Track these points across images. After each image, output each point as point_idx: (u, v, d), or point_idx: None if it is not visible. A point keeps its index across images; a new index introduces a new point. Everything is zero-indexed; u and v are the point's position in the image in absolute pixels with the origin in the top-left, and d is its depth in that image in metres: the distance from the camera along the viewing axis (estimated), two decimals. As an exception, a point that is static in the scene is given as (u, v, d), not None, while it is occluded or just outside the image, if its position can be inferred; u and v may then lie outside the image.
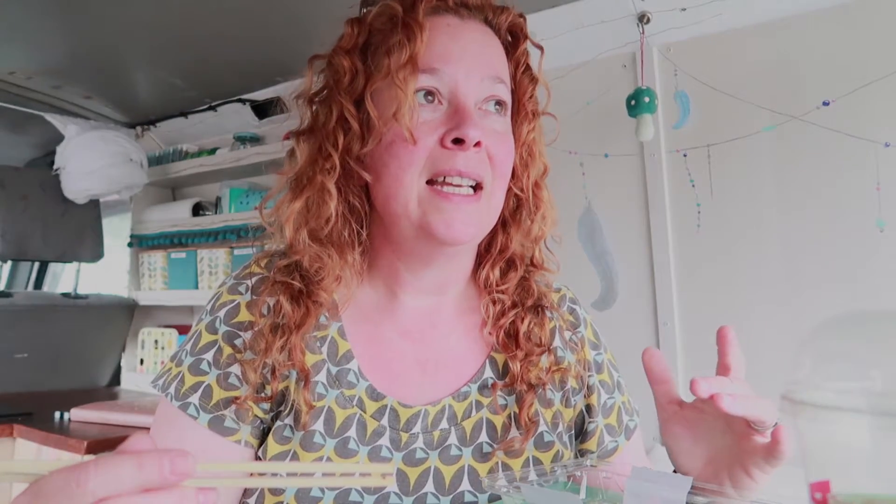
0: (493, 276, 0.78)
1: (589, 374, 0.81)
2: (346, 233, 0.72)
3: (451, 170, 0.66)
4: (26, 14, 1.68)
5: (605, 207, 1.68)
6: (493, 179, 0.70)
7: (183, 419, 0.68)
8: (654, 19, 1.51)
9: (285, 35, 1.67)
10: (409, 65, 0.67)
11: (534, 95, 0.77)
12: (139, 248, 2.60)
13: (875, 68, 1.30)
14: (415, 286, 0.75)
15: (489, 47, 0.73)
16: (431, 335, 0.76)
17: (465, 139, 0.66)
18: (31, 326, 2.28)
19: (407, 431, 0.71)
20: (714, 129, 1.50)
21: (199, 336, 0.73)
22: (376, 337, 0.75)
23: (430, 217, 0.67)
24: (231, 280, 0.76)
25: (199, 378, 0.70)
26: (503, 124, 0.72)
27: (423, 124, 0.67)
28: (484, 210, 0.70)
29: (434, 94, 0.68)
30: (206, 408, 0.68)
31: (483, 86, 0.70)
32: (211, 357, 0.71)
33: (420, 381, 0.74)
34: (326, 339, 0.72)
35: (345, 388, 0.71)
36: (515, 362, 0.75)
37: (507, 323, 0.77)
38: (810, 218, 1.40)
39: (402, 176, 0.67)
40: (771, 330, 1.43)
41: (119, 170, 2.34)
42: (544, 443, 0.75)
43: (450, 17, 0.72)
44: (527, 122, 0.76)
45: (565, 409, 0.79)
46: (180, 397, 0.69)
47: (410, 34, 0.67)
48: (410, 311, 0.76)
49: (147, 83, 2.25)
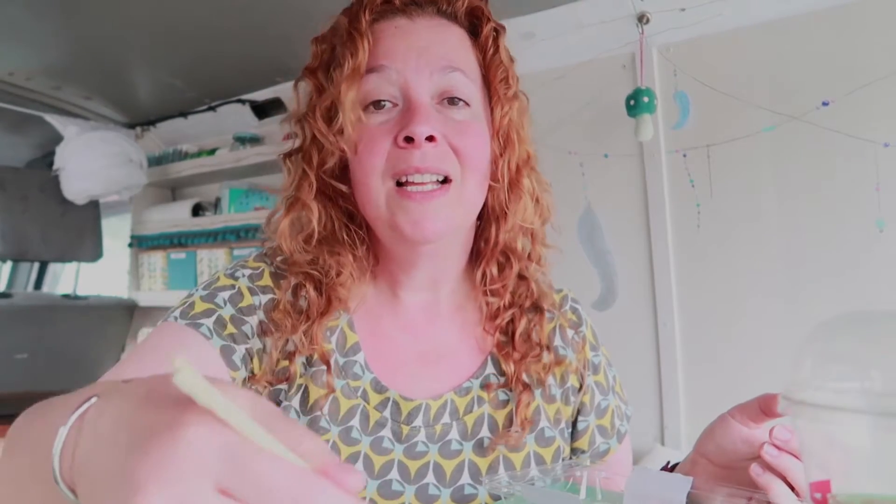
0: (489, 273, 0.77)
1: (587, 374, 0.82)
2: (346, 235, 0.73)
3: (408, 168, 0.66)
4: (26, 14, 1.68)
5: (604, 207, 1.68)
6: (463, 170, 0.69)
7: (193, 337, 0.64)
8: (654, 19, 1.51)
9: (285, 35, 1.67)
10: (351, 76, 0.67)
11: (508, 78, 0.74)
12: (139, 249, 2.60)
13: (875, 68, 1.30)
14: (409, 284, 0.76)
15: (442, 40, 0.71)
16: (429, 329, 0.77)
17: (414, 136, 0.65)
18: (30, 327, 2.28)
19: (408, 424, 0.71)
20: (714, 130, 1.51)
21: (216, 279, 0.72)
22: (379, 331, 0.76)
23: (397, 218, 0.67)
24: (255, 254, 0.77)
25: (211, 306, 0.68)
26: (467, 114, 0.70)
27: (378, 128, 0.68)
28: (454, 203, 0.68)
29: (383, 101, 0.69)
30: (220, 333, 0.66)
31: (435, 79, 0.69)
32: (227, 296, 0.70)
33: (421, 375, 0.74)
34: (336, 330, 0.73)
35: (350, 378, 0.72)
36: (510, 363, 0.75)
37: (504, 322, 0.78)
38: (810, 218, 1.40)
39: (368, 181, 0.68)
40: (770, 330, 1.44)
41: (119, 170, 2.34)
42: (545, 438, 0.76)
43: (398, 19, 0.72)
44: (500, 106, 0.73)
45: (565, 406, 0.79)
46: (189, 318, 0.66)
47: (353, 46, 0.68)
48: (408, 305, 0.77)
49: (147, 84, 2.25)
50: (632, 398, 0.88)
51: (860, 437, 0.39)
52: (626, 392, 0.87)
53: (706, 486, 0.56)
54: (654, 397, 1.61)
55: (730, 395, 0.65)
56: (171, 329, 0.66)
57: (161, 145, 2.63)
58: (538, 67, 1.66)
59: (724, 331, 1.52)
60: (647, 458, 1.54)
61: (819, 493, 0.41)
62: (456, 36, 0.73)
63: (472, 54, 0.74)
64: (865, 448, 0.40)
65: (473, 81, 0.72)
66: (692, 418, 1.56)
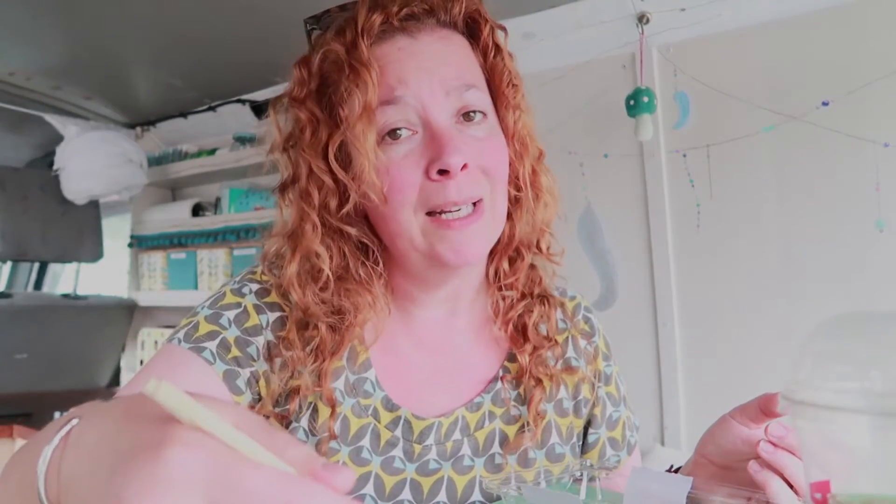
0: (503, 268, 0.77)
1: (598, 385, 0.81)
2: (362, 271, 0.70)
3: (445, 203, 0.64)
4: (26, 14, 1.68)
5: (604, 207, 1.68)
6: (493, 189, 0.67)
7: (195, 362, 0.63)
8: (654, 19, 1.51)
9: (285, 35, 1.67)
10: (365, 115, 0.63)
11: (513, 81, 0.72)
12: (139, 249, 2.60)
13: (875, 68, 1.30)
14: (427, 302, 0.74)
15: (449, 53, 0.68)
16: (445, 345, 0.76)
17: (450, 168, 0.62)
18: (30, 327, 2.28)
19: (420, 443, 0.70)
20: (713, 130, 1.51)
21: (222, 295, 0.69)
22: (392, 347, 0.74)
23: (437, 248, 0.65)
24: (263, 266, 0.73)
25: (215, 328, 0.66)
26: (485, 128, 0.68)
27: (402, 160, 0.64)
28: (489, 224, 0.68)
29: (400, 129, 0.64)
30: (223, 357, 0.64)
31: (452, 99, 0.66)
32: (233, 316, 0.67)
33: (434, 392, 0.73)
34: (348, 346, 0.71)
35: (361, 397, 0.70)
36: (524, 355, 0.74)
37: (516, 316, 0.77)
38: (810, 218, 1.40)
39: (398, 217, 0.65)
40: (770, 330, 1.44)
41: (119, 170, 2.34)
42: (556, 454, 0.75)
43: (399, 38, 0.67)
44: (511, 111, 0.71)
45: (577, 419, 0.78)
46: (192, 341, 0.64)
47: (359, 79, 0.63)
48: (424, 321, 0.75)
49: (147, 84, 2.25)
50: (632, 398, 0.87)
51: (860, 437, 0.39)
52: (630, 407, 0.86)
53: (706, 487, 0.56)
54: (654, 397, 1.61)
55: (730, 394, 0.65)
56: (174, 353, 0.64)
57: (161, 145, 2.63)
58: (538, 67, 1.66)
59: (724, 331, 1.52)
60: (647, 458, 1.54)
61: (819, 493, 0.41)
62: (460, 48, 0.70)
63: (476, 62, 0.71)
64: (865, 448, 0.40)
65: (484, 92, 0.70)
66: (692, 418, 1.56)
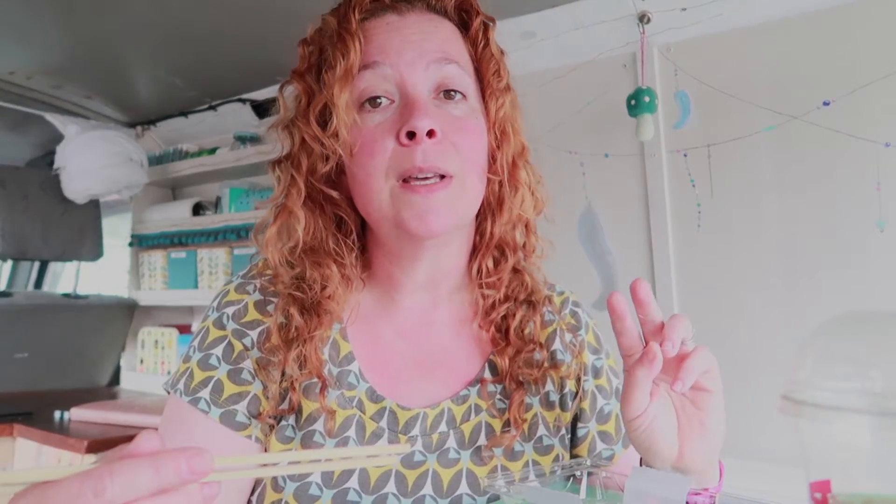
0: (485, 267, 0.77)
1: (585, 379, 0.80)
2: (333, 244, 0.72)
3: (411, 168, 0.65)
4: (26, 14, 1.68)
5: (605, 207, 1.68)
6: (463, 165, 0.68)
7: (193, 415, 0.68)
8: (655, 19, 1.51)
9: (285, 34, 1.67)
10: (344, 77, 0.66)
11: (499, 71, 0.74)
12: (139, 248, 2.60)
13: (875, 68, 1.30)
14: (408, 285, 0.75)
15: (434, 33, 0.71)
16: (428, 334, 0.76)
17: (416, 131, 0.64)
18: (31, 326, 2.28)
19: (405, 434, 0.70)
20: (714, 129, 1.50)
21: (206, 332, 0.72)
22: (375, 338, 0.75)
23: (402, 213, 0.66)
24: (238, 279, 0.76)
25: (208, 373, 0.69)
26: (464, 108, 0.70)
27: (377, 127, 0.67)
28: (456, 197, 0.68)
29: (379, 97, 0.68)
30: (217, 402, 0.68)
31: (431, 71, 0.68)
32: (220, 352, 0.70)
33: (418, 382, 0.74)
34: (329, 340, 0.73)
35: (345, 388, 0.71)
36: (504, 358, 0.74)
37: (499, 317, 0.77)
38: (810, 218, 1.40)
39: (370, 182, 0.67)
40: (771, 330, 1.43)
41: (119, 170, 2.34)
42: (544, 446, 0.75)
43: (389, 16, 0.71)
44: (494, 99, 0.73)
45: (563, 412, 0.78)
46: (189, 392, 0.69)
47: (344, 46, 0.67)
48: (406, 310, 0.76)
49: (147, 83, 2.25)
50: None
51: (860, 437, 0.39)
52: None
53: None
54: (654, 397, 1.60)
55: (730, 393, 0.64)
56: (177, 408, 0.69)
57: (161, 144, 2.63)
58: (538, 67, 1.66)
59: (724, 330, 1.52)
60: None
61: (819, 493, 0.41)
62: (448, 30, 0.73)
63: (465, 48, 0.73)
64: (865, 448, 0.40)
65: (468, 74, 0.72)
66: (692, 418, 1.56)
